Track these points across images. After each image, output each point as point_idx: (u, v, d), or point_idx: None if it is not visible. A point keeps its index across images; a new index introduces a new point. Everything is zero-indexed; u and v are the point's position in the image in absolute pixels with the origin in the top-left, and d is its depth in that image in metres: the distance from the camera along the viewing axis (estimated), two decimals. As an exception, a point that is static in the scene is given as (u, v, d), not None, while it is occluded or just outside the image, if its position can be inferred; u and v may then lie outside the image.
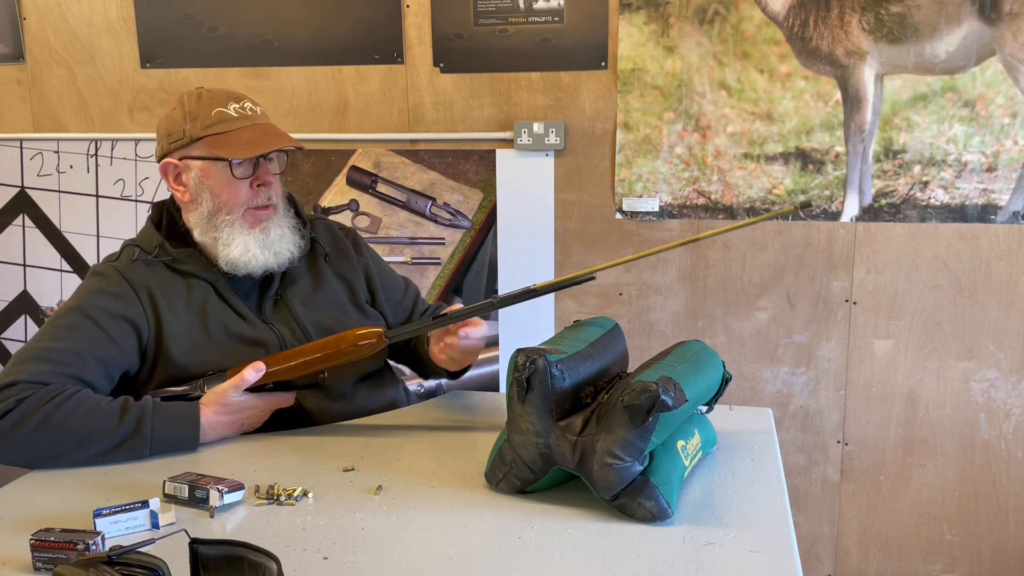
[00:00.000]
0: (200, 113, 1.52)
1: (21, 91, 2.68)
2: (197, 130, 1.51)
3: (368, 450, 1.40)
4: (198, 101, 1.53)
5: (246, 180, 1.54)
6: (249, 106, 1.55)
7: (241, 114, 1.53)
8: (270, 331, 1.58)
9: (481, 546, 1.07)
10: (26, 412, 1.35)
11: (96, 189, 2.67)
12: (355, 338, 1.48)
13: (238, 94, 1.56)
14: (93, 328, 1.48)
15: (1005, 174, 2.18)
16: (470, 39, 2.38)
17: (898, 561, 2.42)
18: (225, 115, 1.52)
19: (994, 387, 2.29)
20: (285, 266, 1.60)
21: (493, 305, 1.42)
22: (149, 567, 0.90)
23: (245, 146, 1.50)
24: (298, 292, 1.63)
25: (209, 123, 1.51)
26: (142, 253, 1.58)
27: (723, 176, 2.32)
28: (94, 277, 1.57)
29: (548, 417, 1.15)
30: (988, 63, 2.13)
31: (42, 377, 1.40)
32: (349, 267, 1.72)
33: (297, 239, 1.61)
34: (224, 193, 1.53)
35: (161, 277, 1.56)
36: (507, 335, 2.51)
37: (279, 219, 1.59)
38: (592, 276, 1.40)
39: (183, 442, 1.42)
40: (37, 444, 1.35)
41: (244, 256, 1.54)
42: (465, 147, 2.44)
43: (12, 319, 2.80)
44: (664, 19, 2.27)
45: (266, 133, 1.53)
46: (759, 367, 2.40)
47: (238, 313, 1.58)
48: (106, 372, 1.48)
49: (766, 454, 1.35)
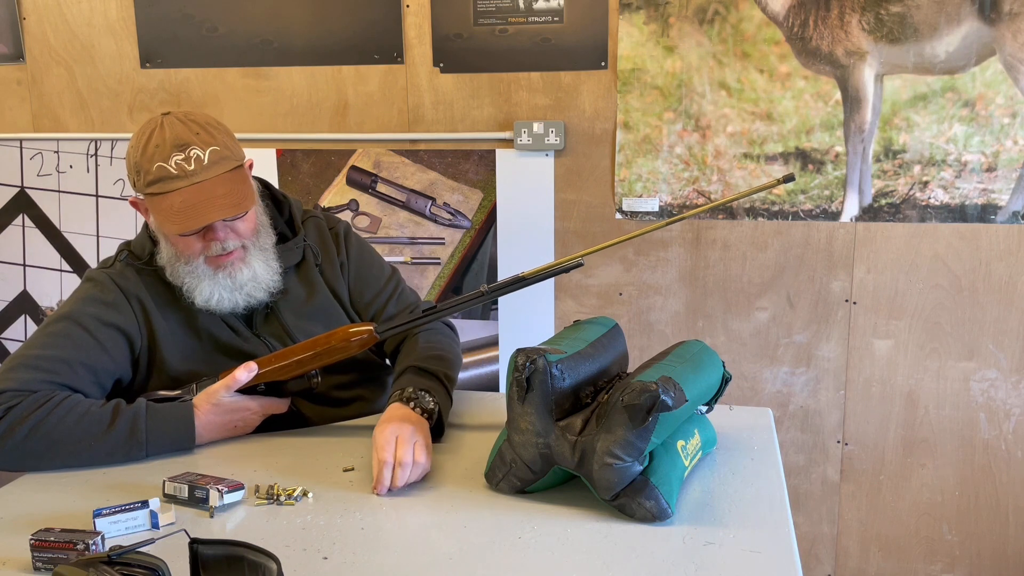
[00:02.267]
0: (143, 166, 1.44)
1: (21, 91, 2.68)
2: (141, 186, 1.46)
3: (368, 450, 1.40)
4: (144, 148, 1.45)
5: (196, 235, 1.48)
6: (196, 155, 1.43)
7: (180, 170, 1.43)
8: (261, 344, 1.57)
9: (481, 546, 1.07)
10: (15, 420, 1.35)
11: (96, 189, 2.67)
12: (345, 334, 1.48)
13: (188, 139, 1.44)
14: (83, 336, 1.47)
15: (1005, 174, 2.18)
16: (470, 39, 2.38)
17: (898, 561, 2.42)
18: (164, 172, 1.43)
19: (994, 387, 2.29)
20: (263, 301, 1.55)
21: (483, 295, 1.41)
22: (149, 567, 0.90)
23: (176, 217, 1.43)
24: (290, 303, 1.60)
25: (149, 180, 1.43)
26: (133, 258, 1.56)
27: (723, 176, 2.32)
28: (87, 283, 1.55)
29: (548, 417, 1.15)
30: (988, 63, 2.13)
31: (30, 385, 1.40)
32: (333, 272, 1.67)
33: (273, 275, 1.55)
34: (178, 245, 1.49)
35: (153, 285, 1.54)
36: (507, 335, 2.51)
37: (250, 256, 1.52)
38: (580, 262, 1.40)
39: (179, 443, 1.42)
40: (29, 451, 1.35)
41: (211, 300, 1.50)
42: (465, 147, 2.44)
43: (12, 319, 2.80)
44: (664, 19, 2.26)
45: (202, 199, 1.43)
46: (759, 367, 2.40)
47: (229, 326, 1.56)
48: (96, 380, 1.47)
49: (766, 454, 1.35)
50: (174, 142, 1.44)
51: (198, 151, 1.44)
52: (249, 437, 1.48)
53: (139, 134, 1.48)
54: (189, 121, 1.47)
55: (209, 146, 1.45)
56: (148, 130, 1.47)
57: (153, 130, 1.46)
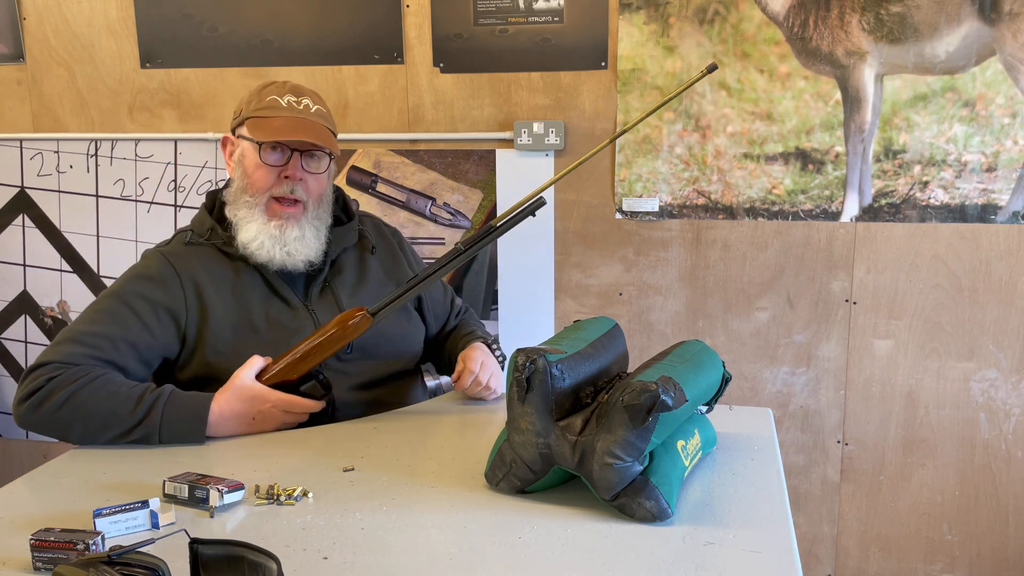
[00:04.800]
0: (257, 96, 1.58)
1: (21, 91, 2.68)
2: (248, 110, 1.58)
3: (368, 450, 1.40)
4: (264, 88, 1.60)
5: (275, 168, 1.56)
6: (307, 103, 1.58)
7: (290, 106, 1.57)
8: (309, 317, 1.60)
9: (481, 546, 1.07)
10: (54, 389, 1.41)
11: (96, 189, 2.67)
12: (341, 322, 1.51)
13: (303, 89, 1.61)
14: (128, 314, 1.51)
15: (1005, 174, 2.18)
16: (470, 39, 2.38)
17: (898, 561, 2.42)
18: (275, 103, 1.57)
19: (994, 387, 2.29)
20: (300, 268, 1.60)
21: (460, 253, 1.49)
22: (149, 567, 0.90)
23: (272, 132, 1.54)
24: (344, 282, 1.67)
25: (259, 106, 1.57)
26: (194, 236, 1.62)
27: (723, 176, 2.32)
28: (140, 261, 1.62)
29: (548, 417, 1.15)
30: (988, 63, 2.13)
31: (74, 359, 1.45)
32: (396, 266, 1.75)
33: (319, 244, 1.61)
34: (253, 175, 1.57)
35: (210, 261, 1.60)
36: (507, 335, 2.51)
37: (305, 220, 1.59)
38: (542, 200, 1.48)
39: (191, 431, 1.43)
40: (62, 421, 1.41)
41: (253, 242, 1.57)
42: (465, 147, 2.44)
43: (12, 319, 2.80)
44: (664, 19, 2.27)
45: (298, 126, 1.55)
46: (759, 367, 2.40)
47: (283, 299, 1.60)
48: (139, 357, 1.51)
49: (766, 454, 1.35)
50: (291, 89, 1.60)
51: (309, 101, 1.59)
52: (249, 437, 1.48)
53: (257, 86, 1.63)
54: (306, 88, 1.64)
55: (319, 104, 1.61)
56: (268, 83, 1.63)
57: (272, 82, 1.62)
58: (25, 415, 1.43)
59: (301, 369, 1.50)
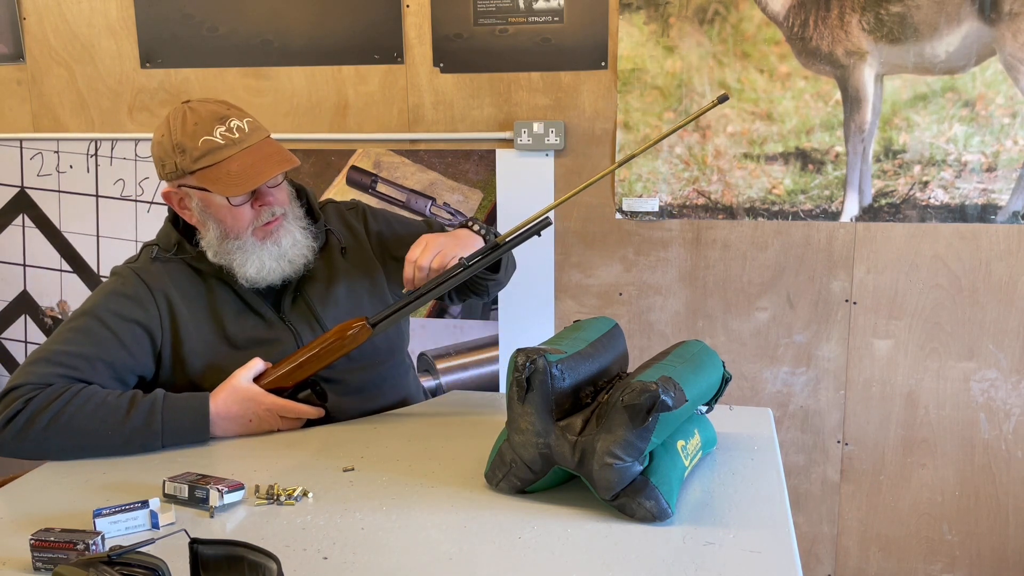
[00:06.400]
0: (187, 144, 1.46)
1: (21, 91, 2.68)
2: (187, 164, 1.47)
3: (368, 450, 1.40)
4: (183, 128, 1.47)
5: (246, 206, 1.51)
6: (236, 124, 1.48)
7: (228, 139, 1.46)
8: (287, 330, 1.58)
9: (481, 546, 1.07)
10: (36, 410, 1.37)
11: (96, 189, 2.67)
12: (339, 331, 1.49)
13: (223, 112, 1.49)
14: (103, 332, 1.48)
15: (1005, 174, 2.18)
16: (470, 39, 2.37)
17: (898, 561, 2.42)
18: (212, 144, 1.46)
19: (994, 387, 2.29)
20: (302, 272, 1.59)
21: (464, 268, 1.46)
22: (149, 567, 0.90)
23: (236, 180, 1.45)
24: (315, 288, 1.63)
25: (197, 155, 1.46)
26: (160, 251, 1.58)
27: (723, 176, 2.32)
28: (111, 278, 1.57)
29: (548, 417, 1.15)
30: (988, 63, 2.13)
31: (48, 380, 1.41)
32: (362, 254, 1.70)
33: (309, 241, 1.59)
34: (228, 220, 1.51)
35: (180, 276, 1.56)
36: (507, 335, 2.51)
37: (289, 224, 1.56)
38: (548, 220, 1.46)
39: (194, 431, 1.42)
40: (50, 441, 1.38)
41: (261, 272, 1.53)
42: (465, 147, 2.44)
43: (12, 319, 2.81)
44: (664, 19, 2.26)
45: (256, 159, 1.47)
46: (759, 367, 2.40)
47: (257, 312, 1.58)
48: (115, 376, 1.48)
49: (766, 454, 1.35)
50: (211, 118, 1.48)
51: (237, 122, 1.49)
52: (249, 437, 1.48)
53: (167, 123, 1.50)
54: (214, 102, 1.51)
55: (244, 117, 1.51)
56: (178, 116, 1.49)
57: (183, 114, 1.49)
58: (10, 441, 1.39)
59: (297, 377, 1.50)
